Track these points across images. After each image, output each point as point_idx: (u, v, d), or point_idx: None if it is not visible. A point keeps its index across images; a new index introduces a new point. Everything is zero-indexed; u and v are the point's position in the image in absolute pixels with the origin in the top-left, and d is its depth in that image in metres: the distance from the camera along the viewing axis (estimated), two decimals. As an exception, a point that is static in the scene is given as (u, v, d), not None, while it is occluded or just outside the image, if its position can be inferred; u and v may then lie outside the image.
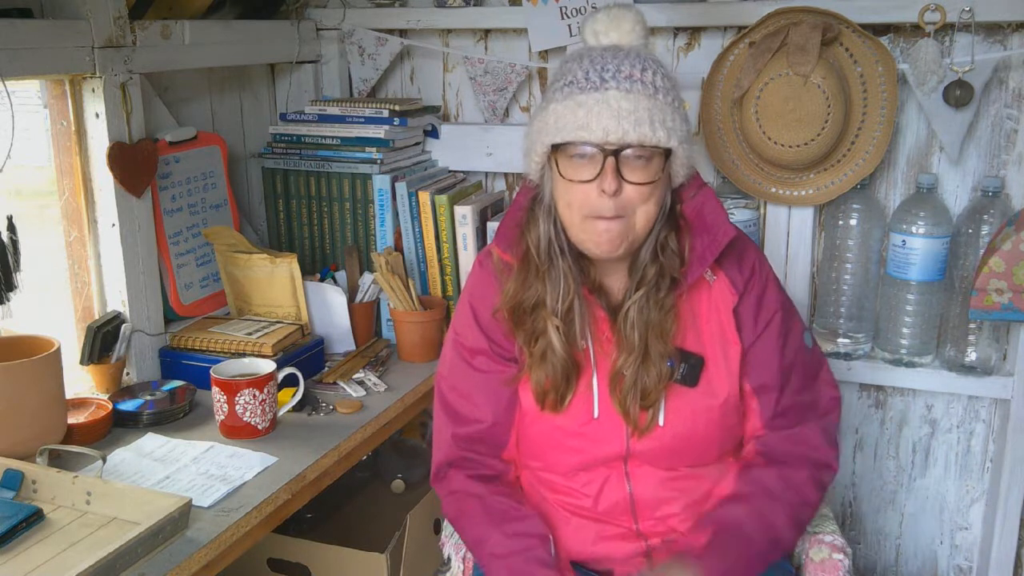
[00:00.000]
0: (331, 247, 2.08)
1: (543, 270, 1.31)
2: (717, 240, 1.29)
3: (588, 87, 1.21)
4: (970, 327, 1.84)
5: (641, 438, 1.32)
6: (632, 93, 1.20)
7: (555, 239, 1.30)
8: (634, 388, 1.29)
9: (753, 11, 1.81)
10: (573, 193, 1.24)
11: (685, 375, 1.31)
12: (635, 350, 1.28)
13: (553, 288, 1.30)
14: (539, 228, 1.31)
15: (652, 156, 1.22)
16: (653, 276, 1.29)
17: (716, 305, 1.34)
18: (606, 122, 1.18)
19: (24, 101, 1.63)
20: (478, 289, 1.40)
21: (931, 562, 2.10)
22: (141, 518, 1.22)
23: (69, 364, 1.58)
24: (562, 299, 1.30)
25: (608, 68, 1.21)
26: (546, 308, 1.30)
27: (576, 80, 1.22)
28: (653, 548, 1.37)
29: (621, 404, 1.31)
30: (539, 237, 1.31)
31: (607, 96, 1.19)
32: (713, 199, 1.33)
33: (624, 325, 1.29)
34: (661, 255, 1.29)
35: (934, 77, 1.72)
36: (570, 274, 1.30)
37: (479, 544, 1.34)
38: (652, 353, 1.28)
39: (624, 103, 1.19)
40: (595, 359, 1.33)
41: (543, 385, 1.32)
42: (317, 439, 1.56)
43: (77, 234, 1.71)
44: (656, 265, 1.29)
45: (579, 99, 1.21)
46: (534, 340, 1.32)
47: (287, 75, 2.21)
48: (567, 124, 1.21)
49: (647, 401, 1.29)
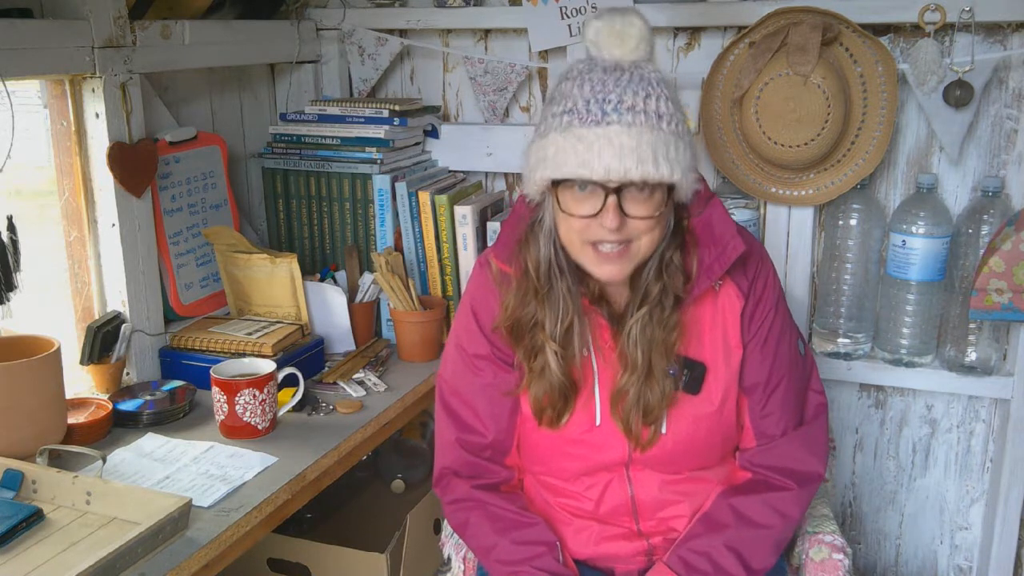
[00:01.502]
0: (331, 247, 2.08)
1: (542, 293, 1.28)
2: (726, 254, 1.26)
3: (589, 120, 1.15)
4: (970, 327, 1.83)
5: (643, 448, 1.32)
6: (635, 127, 1.14)
7: (555, 260, 1.27)
8: (637, 405, 1.28)
9: (753, 11, 1.81)
10: (573, 223, 1.21)
11: (688, 383, 1.30)
12: (638, 368, 1.27)
13: (552, 311, 1.28)
14: (539, 250, 1.28)
15: (655, 189, 1.19)
16: (656, 294, 1.26)
17: (723, 311, 1.32)
18: (607, 160, 1.13)
19: (24, 101, 1.63)
20: (480, 293, 1.39)
21: (931, 562, 2.10)
22: (141, 518, 1.22)
23: (69, 364, 1.58)
24: (560, 321, 1.27)
25: (610, 99, 1.15)
26: (544, 332, 1.28)
27: (576, 110, 1.17)
28: (655, 547, 1.37)
29: (623, 421, 1.30)
30: (538, 259, 1.28)
31: (608, 132, 1.14)
32: (721, 211, 1.30)
33: (627, 343, 1.27)
34: (665, 273, 1.26)
35: (934, 77, 1.72)
36: (569, 296, 1.27)
37: (487, 552, 1.34)
38: (656, 371, 1.27)
39: (626, 139, 1.14)
40: (597, 367, 1.32)
41: (541, 401, 1.31)
42: (317, 439, 1.56)
43: (77, 234, 1.70)
44: (660, 283, 1.26)
45: (579, 133, 1.15)
46: (533, 356, 1.31)
47: (287, 75, 2.21)
48: (567, 160, 1.16)
49: (650, 418, 1.28)
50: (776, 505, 1.32)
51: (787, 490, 1.33)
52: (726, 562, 1.28)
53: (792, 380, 1.37)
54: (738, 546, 1.29)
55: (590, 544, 1.38)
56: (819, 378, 1.44)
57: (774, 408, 1.35)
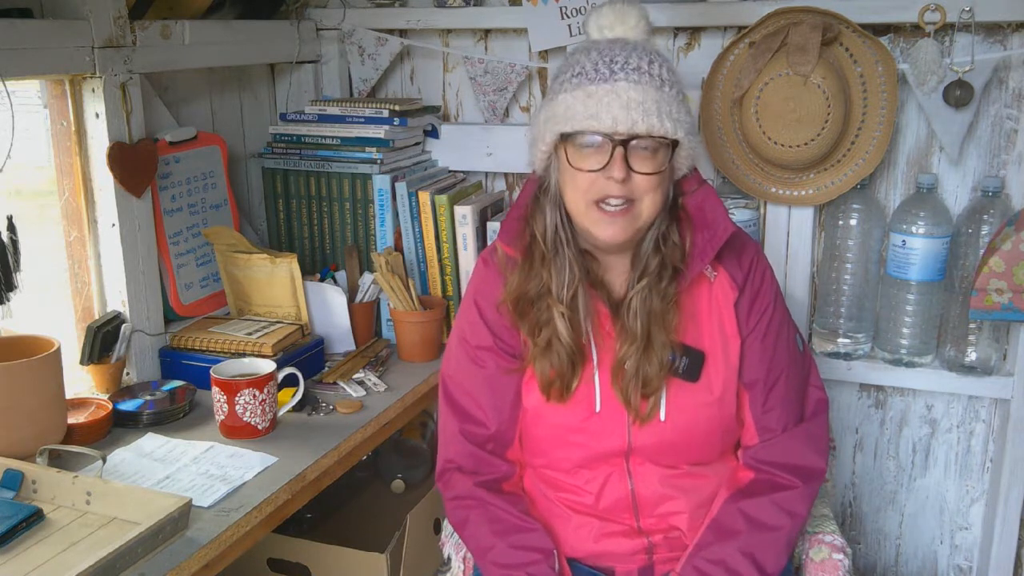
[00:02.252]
0: (331, 247, 2.08)
1: (549, 258, 1.32)
2: (717, 235, 1.31)
3: (598, 78, 1.23)
4: (970, 327, 1.84)
5: (642, 429, 1.32)
6: (640, 84, 1.22)
7: (561, 228, 1.32)
8: (636, 377, 1.30)
9: (753, 11, 1.81)
10: (580, 179, 1.26)
11: (686, 369, 1.32)
12: (637, 339, 1.30)
13: (559, 275, 1.32)
14: (545, 217, 1.33)
15: (659, 147, 1.25)
16: (656, 267, 1.31)
17: (717, 301, 1.35)
18: (616, 112, 1.21)
19: (24, 101, 1.63)
20: (483, 286, 1.41)
21: (931, 562, 2.10)
22: (141, 518, 1.22)
23: (69, 364, 1.58)
24: (567, 286, 1.31)
25: (617, 60, 1.24)
26: (551, 296, 1.32)
27: (585, 71, 1.25)
28: (655, 545, 1.37)
29: (623, 393, 1.32)
30: (545, 226, 1.33)
31: (616, 87, 1.22)
32: (713, 196, 1.35)
33: (627, 315, 1.31)
34: (663, 246, 1.31)
35: (934, 77, 1.72)
36: (575, 263, 1.32)
37: (483, 553, 1.35)
38: (655, 343, 1.30)
39: (633, 94, 1.21)
40: (596, 353, 1.34)
41: (547, 375, 1.33)
42: (317, 439, 1.56)
43: (77, 234, 1.71)
44: (658, 256, 1.31)
45: (589, 89, 1.23)
46: (538, 330, 1.33)
47: (287, 75, 2.21)
48: (577, 113, 1.23)
49: (648, 389, 1.30)
50: (784, 505, 1.33)
51: (793, 488, 1.34)
52: (742, 568, 1.28)
53: (792, 375, 1.38)
54: (752, 550, 1.29)
55: (590, 541, 1.38)
56: (819, 375, 1.45)
57: (775, 403, 1.36)
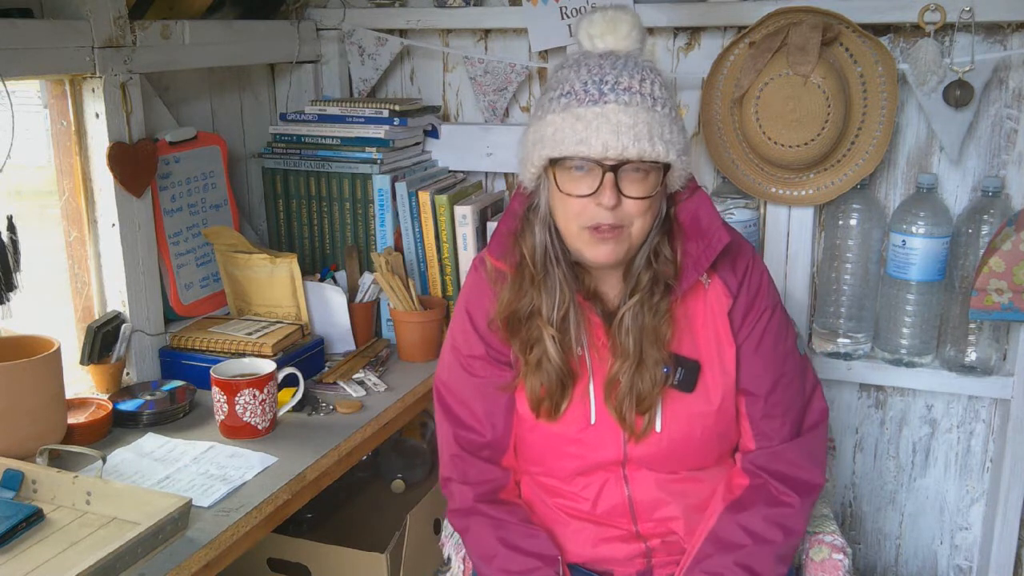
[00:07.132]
0: (331, 247, 2.08)
1: (538, 279, 1.29)
2: (711, 246, 1.28)
3: (587, 100, 1.19)
4: (970, 327, 1.84)
5: (638, 443, 1.32)
6: (631, 106, 1.18)
7: (551, 247, 1.29)
8: (630, 394, 1.28)
9: (753, 11, 1.81)
10: (570, 204, 1.23)
11: (682, 380, 1.30)
12: (630, 356, 1.28)
13: (549, 297, 1.29)
14: (534, 237, 1.29)
15: (650, 170, 1.21)
16: (647, 283, 1.28)
17: (712, 309, 1.33)
18: (605, 137, 1.16)
19: (24, 101, 1.63)
20: (474, 294, 1.40)
21: (931, 562, 2.10)
22: (141, 518, 1.22)
23: (69, 364, 1.58)
24: (557, 308, 1.29)
25: (607, 80, 1.19)
26: (541, 317, 1.29)
27: (574, 91, 1.20)
28: (653, 549, 1.37)
29: (617, 410, 1.30)
30: (534, 246, 1.29)
31: (606, 110, 1.17)
32: (707, 203, 1.32)
33: (619, 331, 1.29)
34: (655, 261, 1.28)
35: (934, 77, 1.72)
36: (565, 282, 1.29)
37: (487, 560, 1.34)
38: (647, 359, 1.28)
39: (623, 117, 1.17)
40: (591, 365, 1.33)
41: (538, 393, 1.32)
42: (317, 439, 1.56)
43: (77, 234, 1.70)
44: (650, 272, 1.28)
45: (577, 112, 1.18)
46: (529, 348, 1.31)
47: (287, 75, 2.21)
48: (566, 138, 1.19)
49: (643, 406, 1.29)
50: (782, 521, 1.32)
51: (790, 506, 1.32)
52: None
53: (792, 382, 1.36)
54: (751, 563, 1.29)
55: (588, 546, 1.38)
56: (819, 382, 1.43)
57: (773, 410, 1.34)
